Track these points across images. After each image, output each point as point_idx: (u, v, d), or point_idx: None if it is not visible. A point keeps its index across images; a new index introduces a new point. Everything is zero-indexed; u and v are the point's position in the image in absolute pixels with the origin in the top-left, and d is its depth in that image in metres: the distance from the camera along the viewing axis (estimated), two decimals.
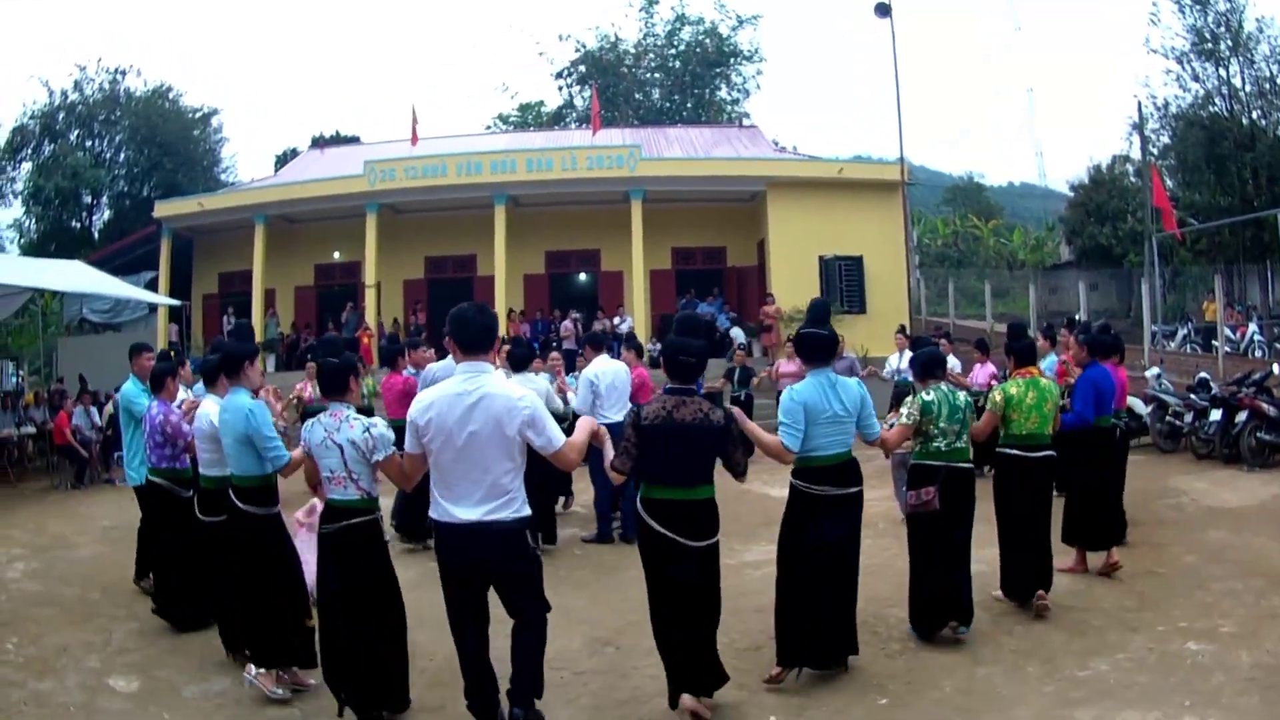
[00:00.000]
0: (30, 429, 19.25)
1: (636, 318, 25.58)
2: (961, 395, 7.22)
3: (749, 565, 8.67)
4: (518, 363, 10.42)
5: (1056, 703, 5.75)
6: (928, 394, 7.05)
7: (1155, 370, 16.91)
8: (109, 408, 17.81)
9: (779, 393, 9.71)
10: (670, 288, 28.31)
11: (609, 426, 8.31)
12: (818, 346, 6.36)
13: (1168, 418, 15.28)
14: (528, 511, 5.14)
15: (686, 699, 5.50)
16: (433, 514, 5.15)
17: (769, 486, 11.85)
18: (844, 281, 25.62)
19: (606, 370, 10.33)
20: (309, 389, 12.53)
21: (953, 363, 13.70)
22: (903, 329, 16.41)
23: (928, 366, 7.27)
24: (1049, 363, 11.51)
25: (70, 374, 22.83)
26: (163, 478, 8.31)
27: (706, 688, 5.60)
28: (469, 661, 5.24)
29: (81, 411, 17.91)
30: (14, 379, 28.65)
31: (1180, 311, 28.76)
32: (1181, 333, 25.39)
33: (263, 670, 6.27)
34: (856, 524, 6.32)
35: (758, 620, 6.66)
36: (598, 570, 9.28)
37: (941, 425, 6.96)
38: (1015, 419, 7.73)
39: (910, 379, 8.59)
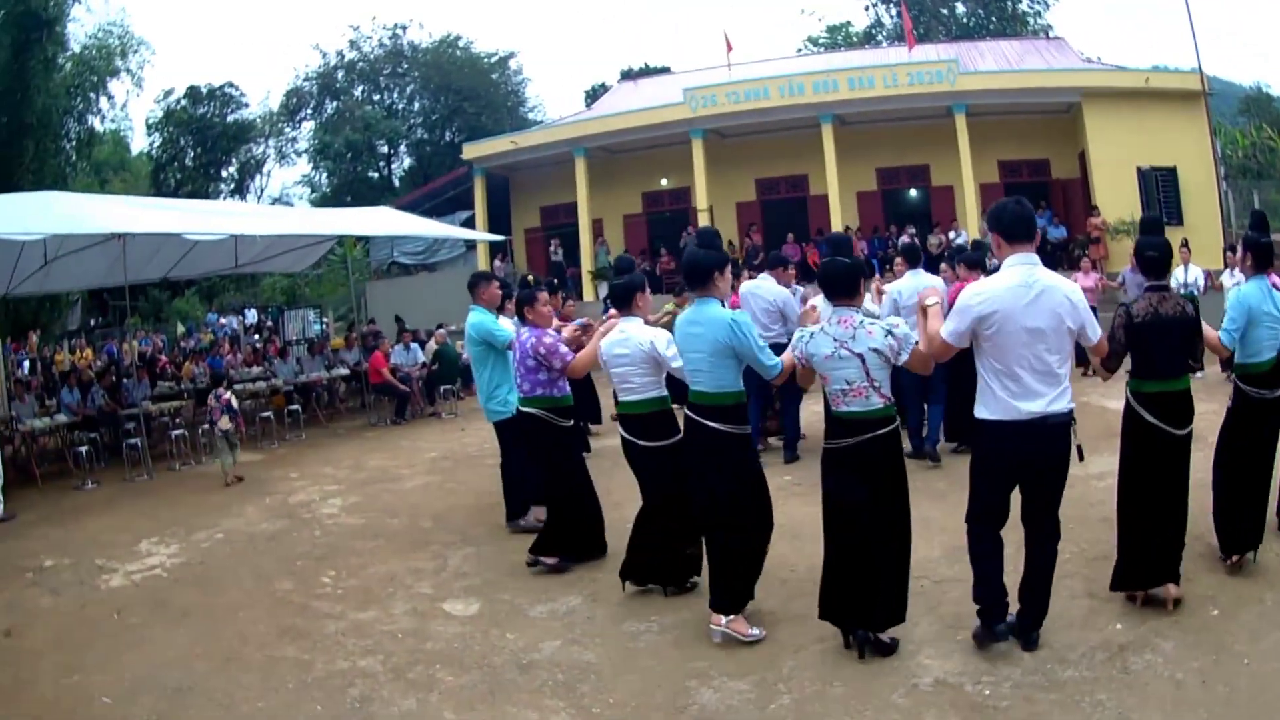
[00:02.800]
0: (343, 371, 20.69)
1: (970, 232, 25.90)
2: None
3: (1093, 476, 8.84)
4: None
5: None
6: None
7: None
8: (431, 344, 19.78)
9: None
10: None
11: None
12: (1264, 252, 6.90)
13: None
14: (1073, 404, 5.53)
15: (1170, 588, 6.10)
16: (987, 411, 5.53)
17: (1105, 399, 12.26)
18: (1161, 193, 26.00)
19: (908, 287, 10.60)
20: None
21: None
22: (1185, 243, 17.27)
23: None
24: None
25: (380, 317, 24.37)
26: (538, 406, 8.13)
27: (1160, 578, 6.13)
28: (985, 564, 5.70)
29: (402, 349, 19.48)
30: (318, 325, 30.01)
31: None
32: None
33: (731, 616, 6.26)
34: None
35: (1105, 529, 7.07)
36: (955, 482, 8.91)
37: None
38: None
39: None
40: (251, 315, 36.05)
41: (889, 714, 5.19)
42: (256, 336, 30.16)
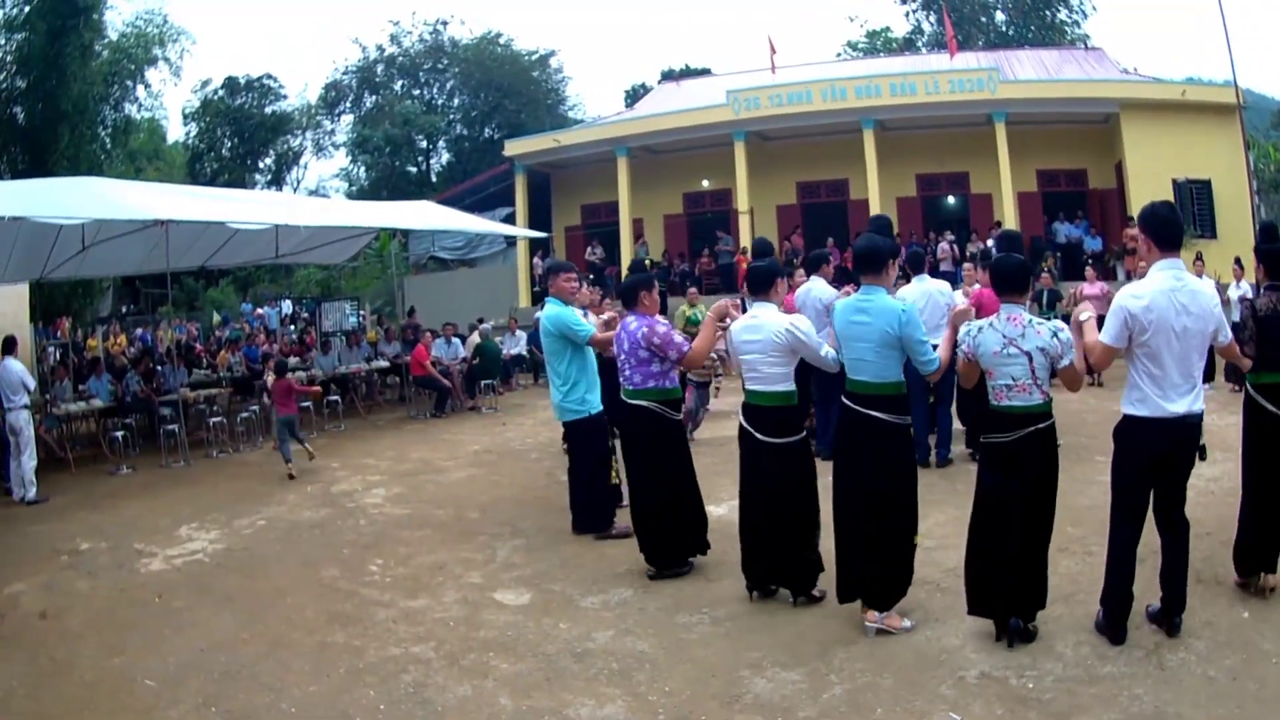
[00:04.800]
0: (383, 363, 20.97)
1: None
2: None
3: None
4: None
5: None
6: None
7: None
8: (473, 339, 19.88)
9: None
10: (1037, 210, 29.71)
11: None
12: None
13: None
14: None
15: (1270, 577, 6.38)
16: (1136, 408, 5.76)
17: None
18: (1196, 206, 26.49)
19: (915, 293, 10.78)
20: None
21: None
22: (1199, 256, 17.58)
23: None
24: None
25: (419, 311, 24.55)
26: (650, 399, 7.76)
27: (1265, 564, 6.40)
28: (1125, 558, 5.85)
29: (443, 343, 19.65)
30: (354, 318, 30.43)
31: None
32: None
33: (886, 613, 6.27)
34: None
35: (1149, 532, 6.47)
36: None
37: None
38: None
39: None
40: (287, 306, 36.45)
41: (937, 704, 5.33)
42: (292, 327, 30.46)
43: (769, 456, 6.75)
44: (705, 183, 32.59)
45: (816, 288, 11.24)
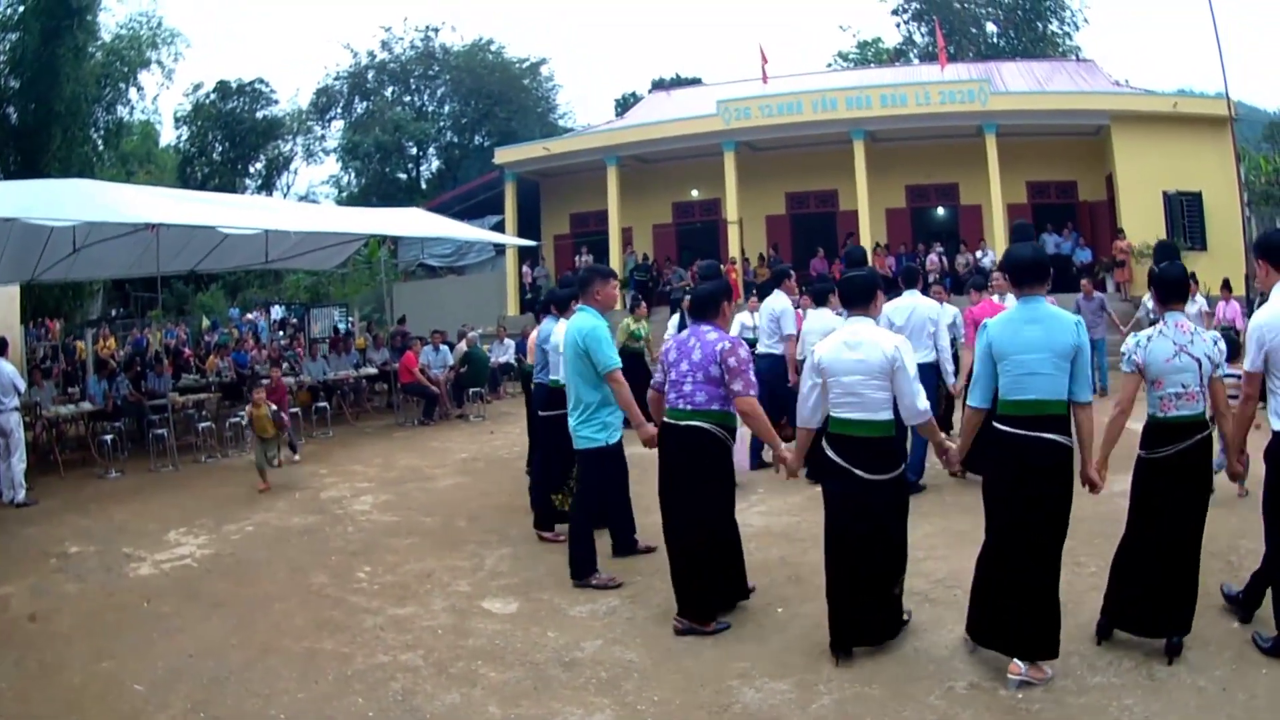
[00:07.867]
0: (371, 370, 21.01)
1: (997, 252, 26.34)
2: None
3: (1117, 494, 7.17)
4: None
5: None
6: None
7: None
8: (460, 347, 19.93)
9: None
10: (1027, 222, 28.61)
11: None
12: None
13: None
14: None
15: None
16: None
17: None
18: (1186, 218, 26.98)
19: (901, 307, 10.52)
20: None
21: None
22: (1193, 275, 16.67)
23: None
24: None
25: (409, 319, 24.85)
26: (711, 421, 6.76)
27: None
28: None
29: (431, 350, 19.72)
30: (343, 324, 30.58)
31: None
32: None
33: (1033, 663, 5.71)
34: None
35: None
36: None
37: None
38: None
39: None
40: (278, 312, 36.53)
41: (926, 715, 5.34)
42: (281, 333, 30.50)
43: (871, 495, 6.04)
44: (694, 192, 32.88)
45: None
